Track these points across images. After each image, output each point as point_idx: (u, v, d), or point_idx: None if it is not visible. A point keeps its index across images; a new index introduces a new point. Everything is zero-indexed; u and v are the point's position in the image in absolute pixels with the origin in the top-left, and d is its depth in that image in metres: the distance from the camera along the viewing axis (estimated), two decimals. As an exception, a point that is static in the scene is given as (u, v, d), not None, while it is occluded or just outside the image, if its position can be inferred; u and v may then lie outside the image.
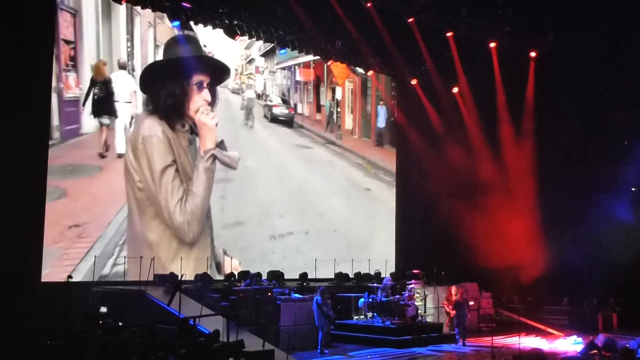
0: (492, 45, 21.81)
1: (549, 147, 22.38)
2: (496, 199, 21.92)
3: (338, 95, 23.22)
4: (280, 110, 21.68)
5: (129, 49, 17.69)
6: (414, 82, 23.05)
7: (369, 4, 19.75)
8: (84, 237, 16.12)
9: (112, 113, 17.09)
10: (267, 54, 21.52)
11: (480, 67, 22.36)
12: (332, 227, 21.93)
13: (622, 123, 22.35)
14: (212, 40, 19.21)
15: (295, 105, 22.17)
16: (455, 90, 23.21)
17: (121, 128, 17.27)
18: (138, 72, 17.73)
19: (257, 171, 20.41)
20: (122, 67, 17.52)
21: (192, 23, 18.04)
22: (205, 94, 18.16)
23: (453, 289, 18.23)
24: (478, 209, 21.73)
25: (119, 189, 16.99)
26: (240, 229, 19.66)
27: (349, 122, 23.61)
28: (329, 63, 21.84)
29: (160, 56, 18.31)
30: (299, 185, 21.53)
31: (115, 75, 17.31)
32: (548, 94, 22.39)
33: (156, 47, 18.30)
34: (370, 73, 22.76)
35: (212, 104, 18.37)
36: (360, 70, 23.10)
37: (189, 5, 17.45)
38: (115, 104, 17.20)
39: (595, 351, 14.13)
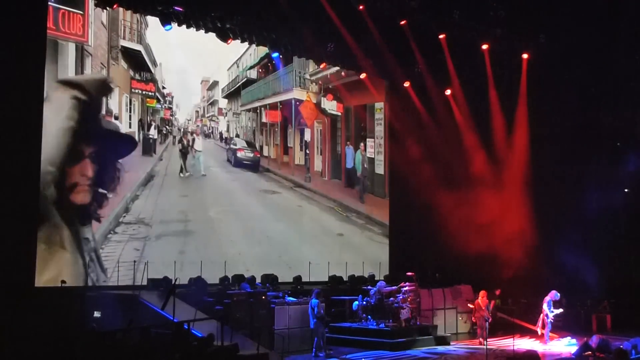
0: (485, 47, 21.84)
1: (541, 148, 22.41)
2: (490, 201, 21.93)
3: (307, 137, 22.40)
4: (245, 154, 20.68)
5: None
6: (406, 84, 23.06)
7: (361, 7, 19.74)
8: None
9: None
10: (231, 96, 20.63)
11: (473, 69, 22.39)
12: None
13: (613, 124, 22.39)
14: (171, 81, 18.50)
15: (261, 147, 21.16)
16: (448, 92, 23.24)
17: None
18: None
19: (220, 221, 19.22)
20: (115, 118, 17.31)
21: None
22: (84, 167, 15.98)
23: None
24: (472, 211, 21.73)
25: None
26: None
27: (318, 163, 22.78)
28: (321, 66, 21.84)
29: (113, 100, 17.04)
30: (265, 235, 20.21)
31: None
32: (540, 95, 22.42)
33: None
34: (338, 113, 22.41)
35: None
36: (329, 110, 22.61)
37: (181, 9, 17.43)
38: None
39: (589, 352, 14.13)
